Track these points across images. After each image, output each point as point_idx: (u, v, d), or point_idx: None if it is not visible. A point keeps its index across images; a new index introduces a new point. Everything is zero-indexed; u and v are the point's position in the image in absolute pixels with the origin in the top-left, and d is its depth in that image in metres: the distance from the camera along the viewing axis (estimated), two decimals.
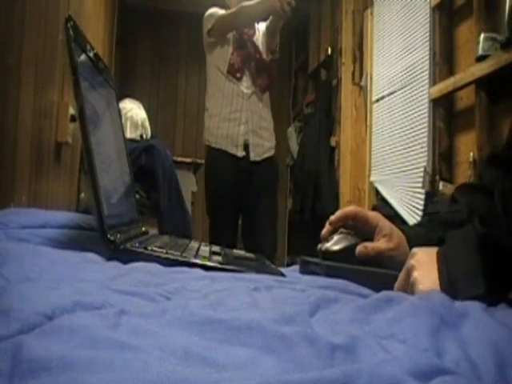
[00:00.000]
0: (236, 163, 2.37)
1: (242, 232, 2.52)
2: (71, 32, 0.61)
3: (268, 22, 2.46)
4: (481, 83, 2.05)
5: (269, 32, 2.47)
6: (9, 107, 1.46)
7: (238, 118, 2.37)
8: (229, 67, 2.37)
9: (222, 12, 2.40)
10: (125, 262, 0.59)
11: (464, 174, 2.23)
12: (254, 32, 2.50)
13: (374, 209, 3.01)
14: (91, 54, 0.74)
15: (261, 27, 2.52)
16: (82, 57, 0.68)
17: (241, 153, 2.37)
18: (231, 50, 2.40)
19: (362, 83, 3.24)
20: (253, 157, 2.38)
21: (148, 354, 0.25)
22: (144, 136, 2.96)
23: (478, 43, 1.99)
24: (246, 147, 2.39)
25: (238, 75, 2.37)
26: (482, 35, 1.97)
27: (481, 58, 1.97)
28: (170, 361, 0.26)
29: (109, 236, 0.61)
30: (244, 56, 2.39)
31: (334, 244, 0.74)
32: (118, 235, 0.64)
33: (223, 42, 2.42)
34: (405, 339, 0.34)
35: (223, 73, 2.39)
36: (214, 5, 2.49)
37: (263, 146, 2.40)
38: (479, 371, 0.30)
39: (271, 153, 2.47)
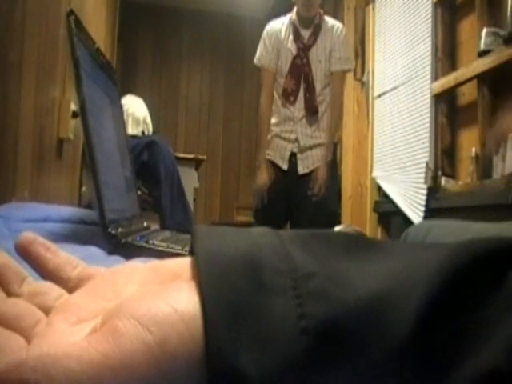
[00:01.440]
0: (283, 175, 2.39)
1: None
2: (73, 26, 0.61)
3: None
4: (483, 78, 2.05)
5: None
6: (10, 103, 1.47)
7: (288, 138, 2.39)
8: (283, 91, 2.38)
9: (267, 71, 2.43)
10: (127, 256, 0.59)
11: (466, 169, 2.22)
12: (315, 40, 2.40)
13: (376, 205, 3.02)
14: (93, 49, 0.74)
15: (333, 37, 2.43)
16: (84, 51, 0.68)
17: (286, 166, 2.39)
18: (286, 74, 2.39)
19: (364, 79, 3.23)
20: (301, 170, 2.38)
21: None
22: (146, 132, 2.96)
23: (480, 38, 1.98)
24: (293, 157, 2.39)
25: (292, 99, 2.38)
26: (485, 30, 1.97)
27: (483, 53, 1.97)
28: None
29: (110, 230, 0.61)
30: (298, 79, 2.38)
31: None
32: (120, 229, 0.64)
33: (278, 65, 2.42)
34: None
35: (278, 94, 2.41)
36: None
37: (313, 158, 2.39)
38: None
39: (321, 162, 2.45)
